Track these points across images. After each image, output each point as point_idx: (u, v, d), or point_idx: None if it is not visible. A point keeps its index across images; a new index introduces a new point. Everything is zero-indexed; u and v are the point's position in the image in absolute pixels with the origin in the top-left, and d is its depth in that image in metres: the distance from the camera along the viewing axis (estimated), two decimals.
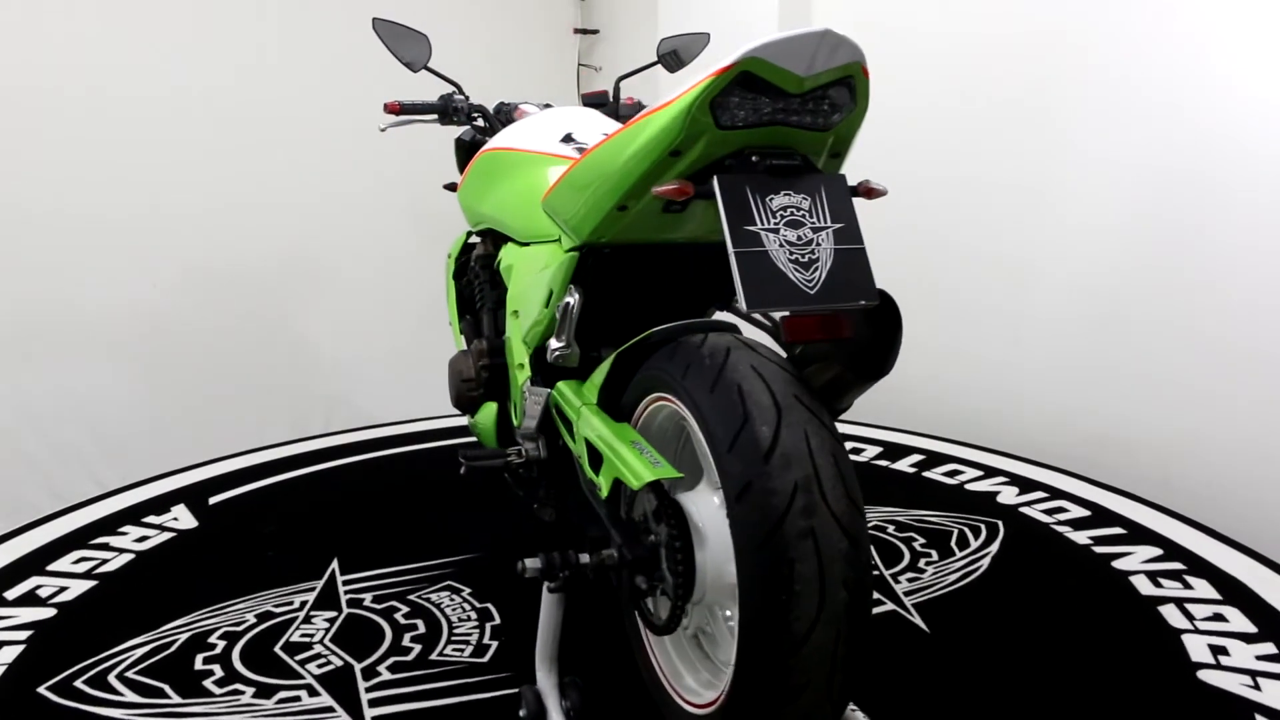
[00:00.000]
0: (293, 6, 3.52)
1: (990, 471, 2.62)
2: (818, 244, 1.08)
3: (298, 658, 1.67)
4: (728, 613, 1.25)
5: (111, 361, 3.29)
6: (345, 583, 1.97)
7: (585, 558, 1.35)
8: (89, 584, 1.96)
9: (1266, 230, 2.20)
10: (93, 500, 2.43)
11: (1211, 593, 1.88)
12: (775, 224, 1.07)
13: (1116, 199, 2.51)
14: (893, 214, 1.34)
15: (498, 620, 1.81)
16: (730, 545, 1.21)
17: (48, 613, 1.83)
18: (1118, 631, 1.75)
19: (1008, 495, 2.45)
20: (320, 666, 1.64)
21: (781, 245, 1.07)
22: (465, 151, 2.32)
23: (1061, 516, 2.29)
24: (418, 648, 1.71)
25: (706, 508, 1.25)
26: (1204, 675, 1.58)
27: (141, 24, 3.31)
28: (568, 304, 1.37)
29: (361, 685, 1.58)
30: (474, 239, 2.32)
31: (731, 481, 1.09)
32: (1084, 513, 2.31)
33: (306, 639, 1.74)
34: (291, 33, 3.54)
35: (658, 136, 1.11)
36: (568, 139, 1.84)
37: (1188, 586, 1.91)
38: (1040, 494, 2.44)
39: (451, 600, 1.90)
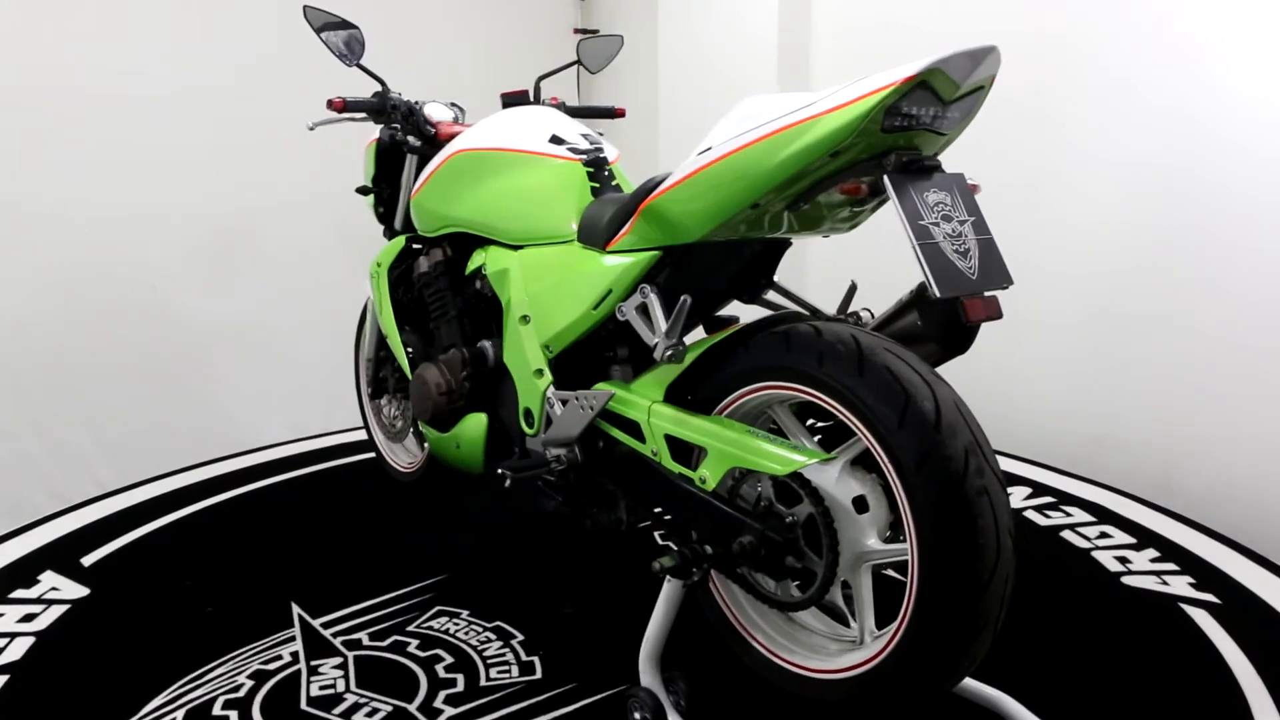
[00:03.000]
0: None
1: None
2: (965, 235, 1.21)
3: (337, 711, 1.50)
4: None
5: None
6: (324, 625, 1.79)
7: (709, 549, 1.39)
8: None
9: (1266, 230, 2.22)
10: None
11: (1087, 516, 2.29)
12: (935, 219, 1.19)
13: (1116, 199, 2.52)
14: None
15: (521, 636, 1.75)
16: (850, 514, 1.31)
17: None
18: (1044, 559, 2.08)
19: None
20: (369, 715, 1.49)
21: (945, 238, 1.19)
22: (387, 154, 2.18)
23: None
24: (460, 677, 1.61)
25: (826, 482, 1.34)
26: (1126, 580, 1.95)
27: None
28: (684, 300, 1.38)
29: None
30: (411, 246, 2.19)
31: (908, 453, 1.19)
32: None
33: (329, 690, 1.56)
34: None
35: (829, 137, 1.17)
36: (556, 140, 1.82)
37: (1068, 515, 2.31)
38: None
39: (457, 624, 1.79)
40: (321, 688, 1.57)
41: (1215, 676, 1.58)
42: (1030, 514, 2.32)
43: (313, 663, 1.65)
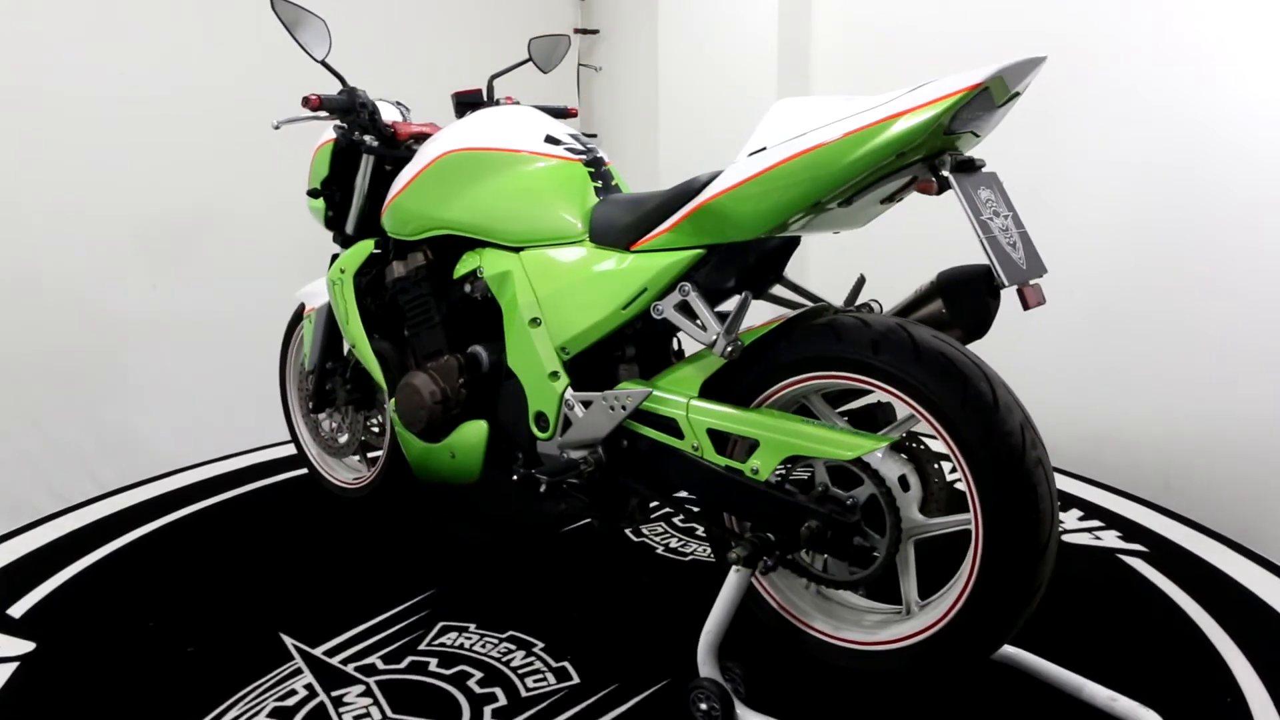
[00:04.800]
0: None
1: None
2: (1011, 229, 1.33)
3: None
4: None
5: None
6: (326, 654, 1.68)
7: (771, 537, 1.43)
8: None
9: (1266, 230, 2.23)
10: None
11: None
12: (989, 214, 1.30)
13: (1117, 199, 2.52)
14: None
15: (541, 644, 1.72)
16: (897, 490, 1.41)
17: None
18: None
19: None
20: None
21: (999, 231, 1.29)
22: (343, 156, 2.07)
23: None
24: (498, 691, 1.57)
25: (877, 464, 1.42)
26: (1067, 538, 2.17)
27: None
28: (745, 296, 1.41)
29: None
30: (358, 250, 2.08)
31: (972, 431, 1.29)
32: None
33: (365, 719, 1.48)
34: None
35: (902, 138, 1.24)
36: (551, 140, 1.80)
37: None
38: None
39: (469, 638, 1.74)
40: (356, 717, 1.49)
41: (1167, 610, 1.80)
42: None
43: (334, 694, 1.56)
